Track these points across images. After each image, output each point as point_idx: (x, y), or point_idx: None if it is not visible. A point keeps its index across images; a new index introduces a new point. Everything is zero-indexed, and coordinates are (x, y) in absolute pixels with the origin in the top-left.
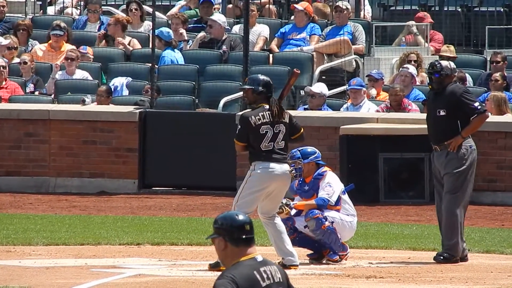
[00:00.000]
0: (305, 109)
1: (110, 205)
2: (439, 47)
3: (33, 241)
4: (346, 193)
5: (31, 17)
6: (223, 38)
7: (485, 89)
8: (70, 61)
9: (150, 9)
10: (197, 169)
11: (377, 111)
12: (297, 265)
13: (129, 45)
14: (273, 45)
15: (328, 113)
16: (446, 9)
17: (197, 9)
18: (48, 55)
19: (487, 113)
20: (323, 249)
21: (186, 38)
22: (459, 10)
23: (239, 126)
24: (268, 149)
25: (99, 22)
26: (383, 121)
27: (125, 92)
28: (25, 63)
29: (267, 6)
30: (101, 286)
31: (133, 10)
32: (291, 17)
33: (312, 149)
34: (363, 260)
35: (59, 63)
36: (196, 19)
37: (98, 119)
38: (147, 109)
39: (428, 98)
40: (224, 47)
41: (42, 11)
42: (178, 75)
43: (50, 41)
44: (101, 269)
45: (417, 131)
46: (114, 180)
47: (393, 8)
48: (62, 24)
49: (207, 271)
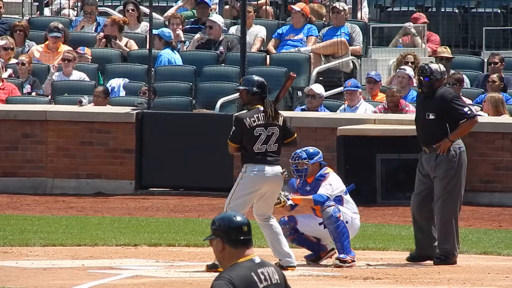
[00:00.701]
0: (302, 109)
1: (107, 206)
2: (435, 48)
3: (30, 242)
4: (348, 193)
5: (28, 18)
6: (220, 39)
7: (482, 90)
8: (67, 62)
9: (147, 10)
10: (194, 170)
11: (375, 112)
12: (294, 266)
13: (126, 46)
14: (270, 46)
15: (325, 114)
16: (443, 10)
17: (194, 10)
18: (45, 56)
19: (477, 118)
20: (321, 250)
21: (183, 39)
22: (456, 11)
23: (233, 127)
24: (261, 151)
25: (95, 23)
26: (380, 122)
27: (122, 93)
28: (23, 64)
29: (263, 7)
30: (98, 287)
31: (130, 11)
32: (287, 18)
33: (315, 150)
34: (360, 261)
35: (56, 64)
36: (193, 20)
37: (95, 120)
38: (144, 110)
39: (417, 101)
40: (221, 48)
41: (39, 12)
42: (175, 76)
43: (47, 42)
44: (98, 270)
45: (414, 132)
46: (111, 181)
47: (390, 9)
48: (60, 26)
49: (205, 272)
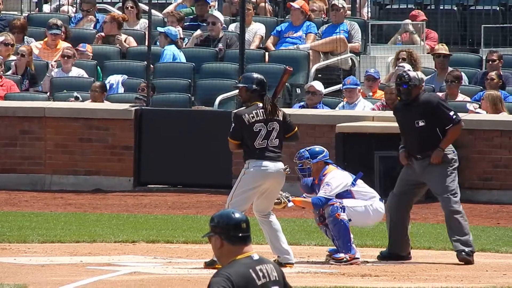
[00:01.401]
0: (301, 106)
1: (106, 203)
2: (434, 45)
3: (28, 238)
4: (358, 181)
5: (27, 14)
6: (220, 36)
7: (481, 87)
8: (67, 58)
9: (146, 7)
10: (193, 167)
11: (373, 109)
12: (292, 263)
13: (125, 42)
14: (269, 43)
15: (324, 111)
16: (442, 7)
17: (193, 7)
18: (44, 52)
19: (462, 122)
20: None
21: (182, 36)
22: (455, 8)
23: (232, 124)
24: (262, 147)
25: (94, 19)
26: (378, 119)
27: (121, 89)
28: (22, 55)
29: (262, 4)
30: (96, 283)
31: (129, 8)
32: (286, 16)
33: (320, 148)
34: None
35: (54, 61)
36: (192, 17)
37: (94, 116)
38: (142, 107)
39: (397, 109)
40: (220, 45)
41: (38, 8)
42: (174, 73)
43: (46, 39)
44: (96, 266)
45: None
46: (109, 178)
47: (389, 7)
48: (59, 23)
49: (203, 269)
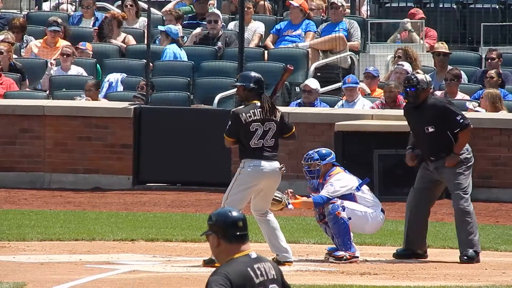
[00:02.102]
0: (298, 104)
1: (105, 201)
2: (433, 43)
3: (27, 236)
4: (364, 187)
5: (26, 13)
6: (219, 34)
7: (480, 86)
8: (66, 56)
9: (145, 5)
10: (192, 165)
11: (372, 107)
12: (291, 262)
13: (124, 41)
14: (268, 41)
15: (323, 109)
16: (441, 6)
17: (192, 5)
18: (43, 51)
19: (471, 125)
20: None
21: (181, 35)
22: (454, 7)
23: (229, 121)
24: (258, 146)
25: (93, 18)
26: (378, 117)
27: (120, 88)
28: (1, 53)
29: (261, 2)
30: (95, 282)
31: (128, 6)
32: (285, 13)
33: (327, 150)
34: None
35: (54, 59)
36: (191, 15)
37: (93, 115)
38: (142, 105)
39: (407, 112)
40: (219, 43)
41: (37, 7)
42: (173, 71)
43: (46, 37)
44: (95, 265)
45: None
46: (108, 176)
47: (388, 5)
48: (59, 20)
49: (202, 267)
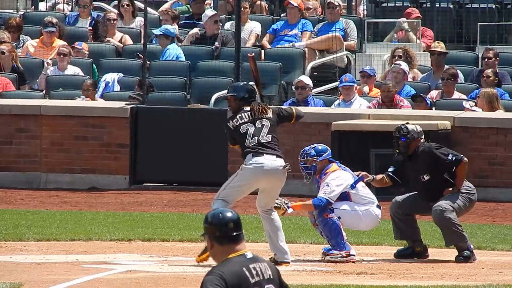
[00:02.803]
0: (290, 103)
1: (101, 201)
2: (430, 43)
3: (24, 236)
4: (360, 183)
5: (22, 12)
6: (217, 34)
7: (477, 85)
8: (62, 56)
9: (142, 5)
10: (189, 165)
11: (369, 107)
12: (288, 262)
13: (120, 41)
14: (265, 41)
15: (320, 109)
16: (437, 5)
17: (189, 5)
18: (40, 51)
19: (464, 159)
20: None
21: (178, 35)
22: (451, 6)
23: (225, 131)
24: (253, 144)
25: (90, 18)
26: (374, 117)
27: (117, 87)
28: (2, 53)
29: (258, 2)
30: (92, 282)
31: (125, 6)
32: (282, 14)
33: (323, 147)
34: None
35: (50, 59)
36: (188, 15)
37: (90, 114)
38: (138, 105)
39: (401, 162)
40: (216, 43)
41: (33, 6)
42: (169, 71)
43: (42, 37)
44: (92, 265)
45: None
46: (105, 176)
47: (384, 5)
48: (54, 20)
49: (198, 267)
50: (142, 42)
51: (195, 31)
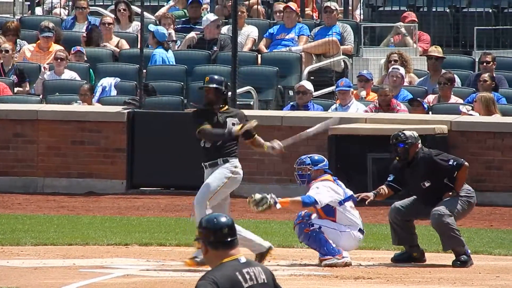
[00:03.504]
0: (291, 107)
1: (98, 206)
2: (427, 47)
3: (21, 241)
4: (349, 203)
5: (19, 17)
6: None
7: (474, 89)
8: (59, 61)
9: (139, 10)
10: (186, 169)
11: (366, 111)
12: (271, 247)
13: (117, 45)
14: (262, 45)
15: (317, 113)
16: (434, 10)
17: (185, 9)
18: (36, 55)
19: (465, 163)
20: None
21: (174, 39)
22: (448, 10)
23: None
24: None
25: (86, 22)
26: (371, 121)
27: (114, 92)
28: (6, 51)
29: (255, 6)
30: (89, 286)
31: (122, 10)
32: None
33: (320, 157)
34: (351, 260)
35: (47, 63)
36: (184, 19)
37: (86, 119)
38: (135, 110)
39: (399, 169)
40: (215, 47)
41: (30, 11)
42: (166, 75)
43: (39, 41)
44: (89, 269)
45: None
46: (102, 181)
47: (381, 9)
48: (51, 25)
49: (195, 271)
50: (139, 46)
51: (192, 35)
